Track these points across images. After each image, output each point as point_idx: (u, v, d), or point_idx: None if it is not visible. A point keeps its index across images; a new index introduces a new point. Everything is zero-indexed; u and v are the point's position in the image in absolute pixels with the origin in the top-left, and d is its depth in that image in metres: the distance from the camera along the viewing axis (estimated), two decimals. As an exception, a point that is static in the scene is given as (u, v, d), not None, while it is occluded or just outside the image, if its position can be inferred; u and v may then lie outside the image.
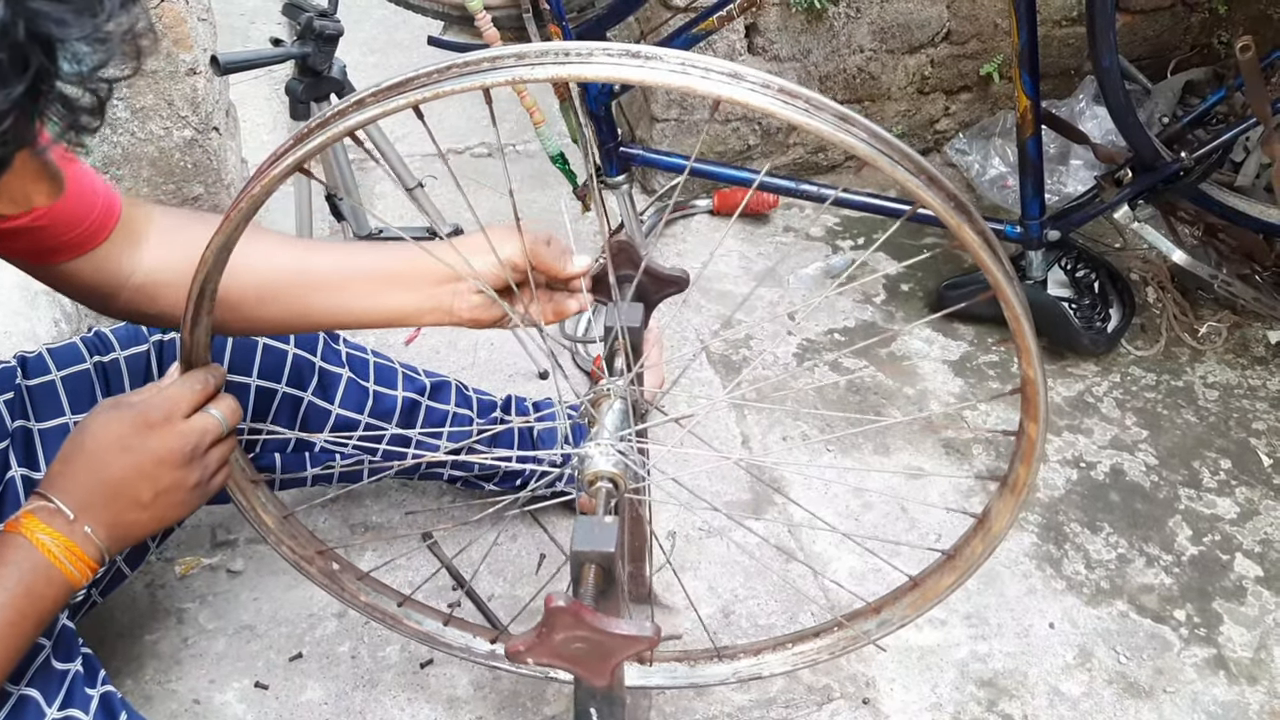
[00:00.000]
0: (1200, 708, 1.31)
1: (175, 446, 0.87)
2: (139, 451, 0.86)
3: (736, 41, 2.09)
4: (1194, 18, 2.39)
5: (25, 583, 0.81)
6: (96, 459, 0.85)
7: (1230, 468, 1.64)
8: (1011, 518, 0.90)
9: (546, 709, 1.27)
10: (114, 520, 0.86)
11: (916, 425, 1.69)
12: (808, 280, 2.02)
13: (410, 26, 1.89)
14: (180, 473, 0.87)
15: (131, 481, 0.86)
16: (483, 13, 1.57)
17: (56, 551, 0.82)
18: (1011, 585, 1.45)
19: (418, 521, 1.48)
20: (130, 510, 0.86)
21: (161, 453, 0.86)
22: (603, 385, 0.94)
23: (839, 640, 1.09)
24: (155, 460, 0.86)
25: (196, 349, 0.88)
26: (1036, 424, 0.82)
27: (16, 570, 0.81)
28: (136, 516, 0.87)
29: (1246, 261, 1.99)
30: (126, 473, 0.85)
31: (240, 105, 2.22)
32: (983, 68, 2.28)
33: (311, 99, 1.48)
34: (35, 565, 0.82)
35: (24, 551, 0.82)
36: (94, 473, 0.85)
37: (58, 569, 0.82)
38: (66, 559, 0.83)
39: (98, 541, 0.85)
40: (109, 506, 0.85)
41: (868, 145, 0.68)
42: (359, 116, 0.69)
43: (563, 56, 0.67)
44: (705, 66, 0.66)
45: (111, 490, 0.85)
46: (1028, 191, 1.72)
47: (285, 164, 0.72)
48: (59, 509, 0.84)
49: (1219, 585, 1.46)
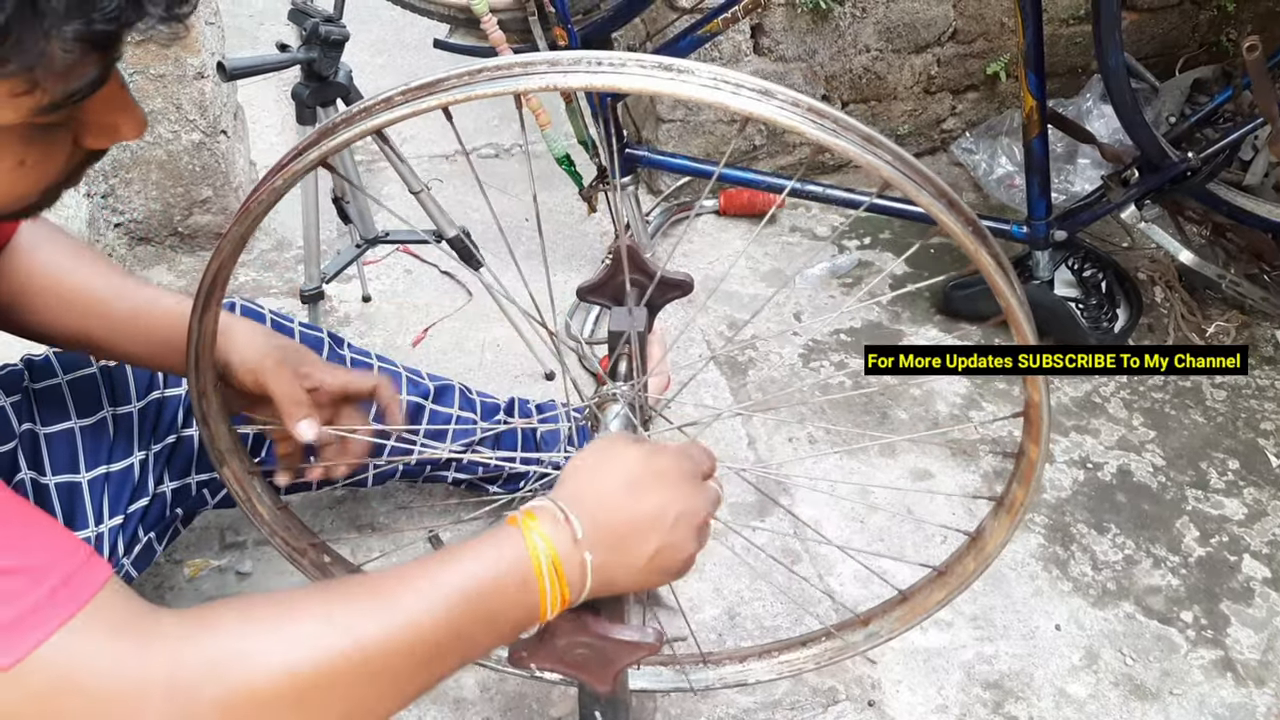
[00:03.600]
0: (1207, 710, 1.30)
1: (701, 508, 0.79)
2: (671, 500, 0.77)
3: (742, 42, 2.09)
4: (1202, 15, 2.38)
5: (497, 572, 0.71)
6: (625, 490, 0.76)
7: (1238, 468, 1.64)
8: (1006, 537, 0.90)
9: (552, 711, 1.27)
10: (611, 562, 0.75)
11: (922, 426, 1.69)
12: (814, 280, 2.02)
13: (417, 29, 1.89)
14: (691, 537, 0.78)
15: (647, 529, 0.76)
16: (488, 15, 1.58)
17: (544, 563, 0.72)
18: (1018, 586, 1.44)
19: (423, 521, 1.49)
20: (630, 557, 0.76)
21: (688, 510, 0.78)
22: (606, 389, 0.94)
23: (825, 650, 1.08)
24: (678, 515, 0.77)
25: (205, 338, 0.88)
26: (1038, 447, 0.82)
27: (496, 552, 0.72)
28: (630, 567, 0.76)
29: (1254, 261, 1.98)
30: (649, 517, 0.76)
31: (248, 107, 2.23)
32: (989, 67, 2.28)
33: (318, 104, 1.48)
34: (518, 561, 0.72)
35: (511, 544, 0.72)
36: (617, 503, 0.76)
37: (535, 582, 0.72)
38: (550, 578, 0.72)
39: (587, 577, 0.74)
40: (615, 546, 0.75)
41: (892, 168, 0.69)
42: (387, 115, 0.69)
43: (595, 65, 0.68)
44: (736, 82, 0.66)
45: (626, 529, 0.76)
46: (1034, 191, 1.72)
47: (309, 158, 0.72)
48: (570, 523, 0.74)
49: (1226, 587, 1.46)
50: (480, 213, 2.16)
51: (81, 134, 0.65)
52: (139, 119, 0.66)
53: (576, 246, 2.09)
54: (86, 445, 1.07)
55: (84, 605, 0.62)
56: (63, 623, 0.61)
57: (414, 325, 1.88)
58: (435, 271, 2.01)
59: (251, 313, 1.20)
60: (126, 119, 0.65)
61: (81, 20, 0.53)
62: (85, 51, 0.55)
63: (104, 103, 0.62)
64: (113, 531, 1.08)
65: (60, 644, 0.61)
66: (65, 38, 0.53)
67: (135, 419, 1.12)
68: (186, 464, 1.17)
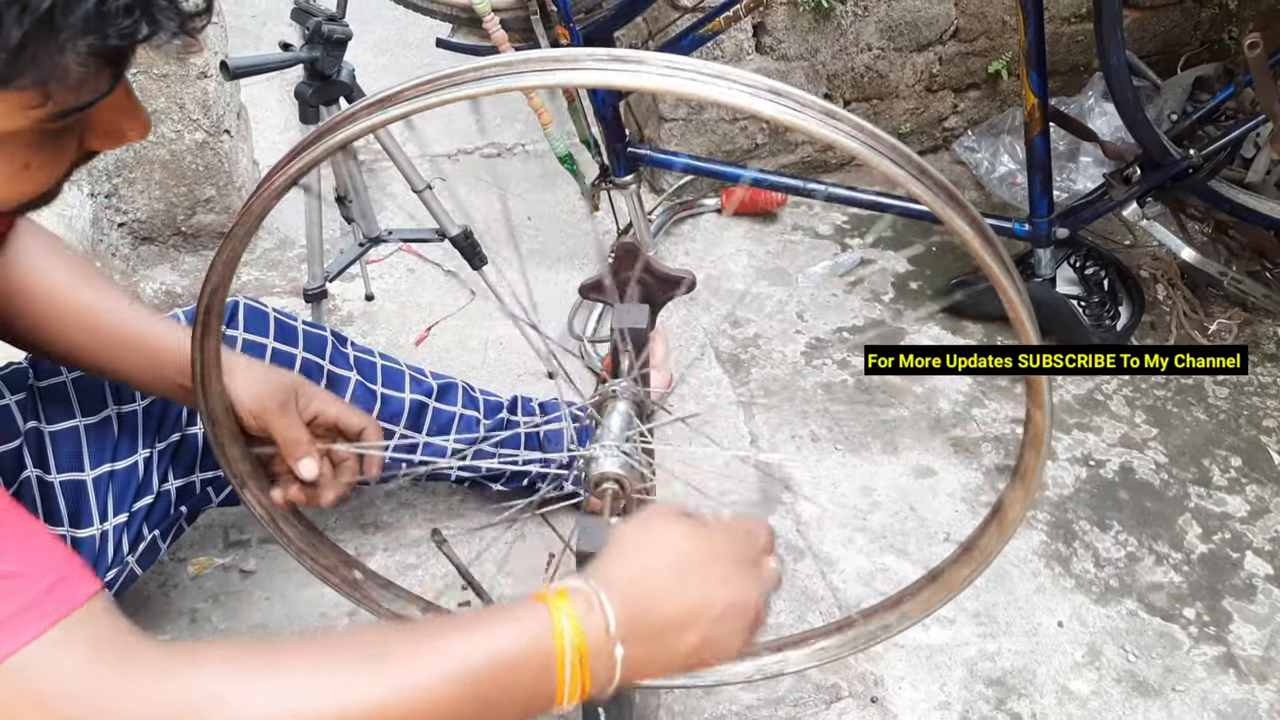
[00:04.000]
0: (1210, 706, 1.30)
1: (753, 598, 0.72)
2: (721, 590, 0.70)
3: (744, 41, 2.09)
4: (1204, 13, 2.38)
5: (515, 652, 0.65)
6: (671, 575, 0.70)
7: (1240, 465, 1.64)
8: (1024, 507, 0.89)
9: (555, 708, 1.27)
10: (644, 655, 0.68)
11: (924, 424, 1.69)
12: (816, 278, 2.02)
13: (420, 28, 1.90)
14: (739, 630, 0.72)
15: (689, 622, 0.69)
16: (491, 15, 1.58)
17: (569, 652, 0.65)
18: (1020, 584, 1.45)
19: (426, 519, 1.49)
20: (666, 652, 0.69)
21: (738, 602, 0.71)
22: (607, 387, 0.94)
23: (860, 634, 1.08)
24: (727, 606, 0.71)
25: (208, 365, 0.89)
26: (1042, 411, 0.82)
27: (518, 627, 0.65)
28: (663, 663, 0.70)
29: (1257, 258, 1.98)
30: (694, 608, 0.69)
31: (251, 107, 2.24)
32: (991, 65, 2.28)
33: (320, 103, 1.48)
34: (539, 642, 0.65)
35: (536, 622, 0.66)
36: (660, 590, 0.69)
37: (555, 670, 0.65)
38: (574, 668, 0.66)
39: (616, 671, 0.67)
40: (652, 640, 0.68)
41: (928, 192, 0.70)
42: (425, 100, 0.68)
43: (549, 63, 0.67)
44: (799, 101, 0.67)
45: (667, 621, 0.69)
46: (1036, 189, 1.72)
47: (332, 142, 0.71)
48: (604, 611, 0.67)
49: (1229, 583, 1.46)
50: (486, 210, 2.16)
51: (87, 136, 0.65)
52: (144, 122, 0.66)
53: (578, 245, 2.10)
54: (91, 443, 1.08)
55: (66, 616, 0.60)
56: (41, 632, 0.59)
57: (417, 324, 1.88)
58: (438, 270, 2.01)
59: (255, 311, 1.20)
60: (132, 123, 0.65)
61: (96, 36, 0.53)
62: (99, 66, 0.55)
63: (111, 108, 0.62)
64: (117, 529, 1.08)
65: (35, 655, 0.58)
66: (80, 52, 0.53)
67: (139, 417, 1.12)
68: (191, 462, 1.17)
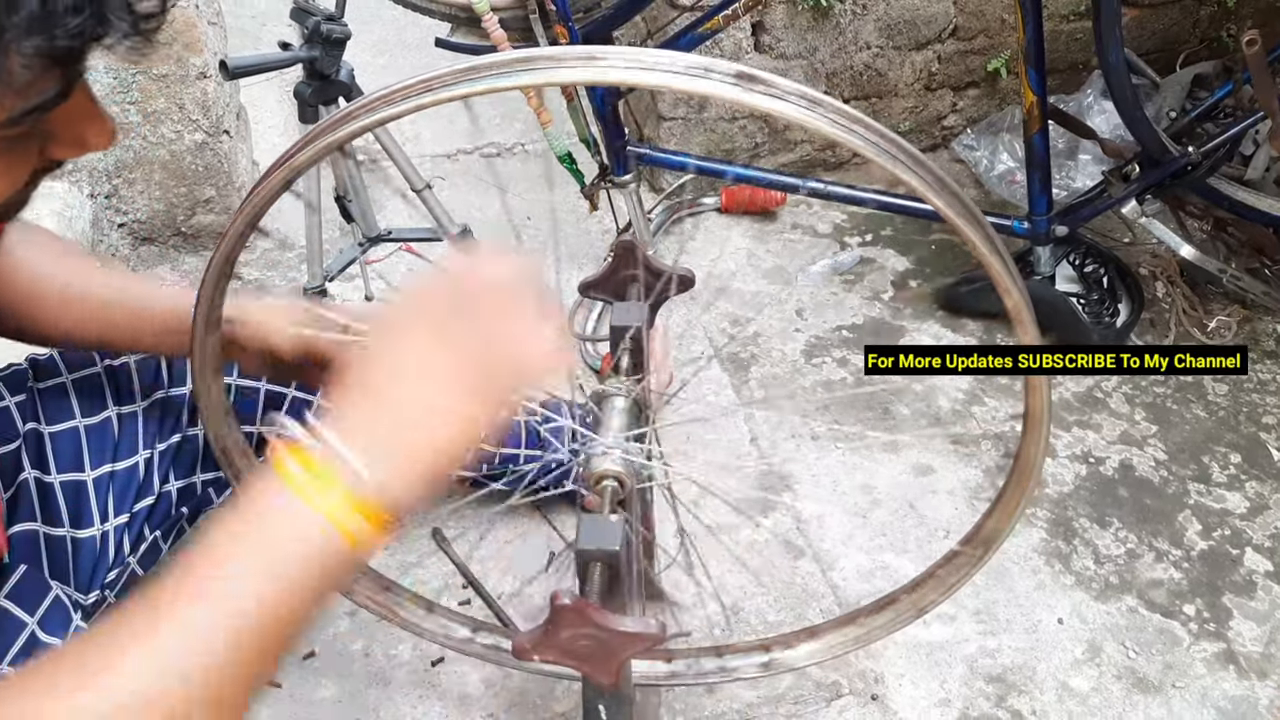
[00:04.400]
0: (1210, 703, 1.31)
1: (484, 413, 0.67)
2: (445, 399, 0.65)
3: (743, 40, 2.09)
4: (1203, 11, 2.38)
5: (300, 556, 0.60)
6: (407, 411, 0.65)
7: (1240, 462, 1.64)
8: (1040, 450, 0.87)
9: (556, 706, 1.28)
10: (392, 471, 0.62)
11: (924, 422, 1.69)
12: (816, 277, 2.02)
13: (419, 28, 1.89)
14: (465, 432, 0.66)
15: (420, 423, 0.65)
16: (489, 14, 1.58)
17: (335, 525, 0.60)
18: (1020, 580, 1.45)
19: (425, 517, 1.49)
20: (410, 461, 0.64)
21: (464, 411, 0.66)
22: (607, 385, 0.94)
23: (903, 610, 1.06)
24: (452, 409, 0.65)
25: (207, 366, 0.89)
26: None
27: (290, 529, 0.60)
28: (411, 472, 0.64)
29: (1256, 255, 1.98)
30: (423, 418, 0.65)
31: (251, 108, 2.24)
32: (990, 63, 2.28)
33: (320, 102, 1.48)
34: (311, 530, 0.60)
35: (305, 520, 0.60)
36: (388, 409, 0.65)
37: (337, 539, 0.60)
38: (344, 532, 0.61)
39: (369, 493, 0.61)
40: (390, 451, 0.63)
41: (946, 204, 0.71)
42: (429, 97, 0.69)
43: (522, 63, 0.68)
44: (841, 113, 0.68)
45: (392, 426, 0.64)
46: (1035, 187, 1.72)
47: (341, 134, 0.72)
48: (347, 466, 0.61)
49: (1229, 580, 1.46)
50: (482, 211, 2.16)
51: (48, 145, 0.62)
52: (108, 129, 0.63)
53: (579, 244, 2.10)
54: (91, 444, 1.08)
55: None
56: None
57: (417, 324, 1.88)
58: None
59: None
60: (95, 130, 0.62)
61: (43, 36, 0.50)
62: (46, 67, 0.52)
63: (70, 115, 0.59)
64: (118, 530, 1.08)
65: None
66: (25, 53, 0.50)
67: (140, 418, 1.12)
68: (192, 462, 1.17)
